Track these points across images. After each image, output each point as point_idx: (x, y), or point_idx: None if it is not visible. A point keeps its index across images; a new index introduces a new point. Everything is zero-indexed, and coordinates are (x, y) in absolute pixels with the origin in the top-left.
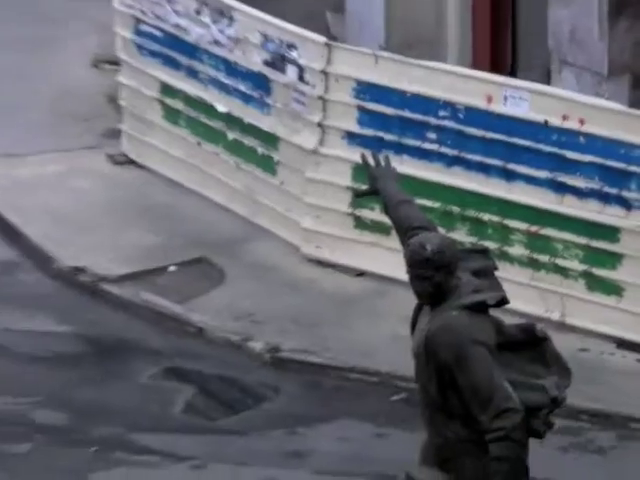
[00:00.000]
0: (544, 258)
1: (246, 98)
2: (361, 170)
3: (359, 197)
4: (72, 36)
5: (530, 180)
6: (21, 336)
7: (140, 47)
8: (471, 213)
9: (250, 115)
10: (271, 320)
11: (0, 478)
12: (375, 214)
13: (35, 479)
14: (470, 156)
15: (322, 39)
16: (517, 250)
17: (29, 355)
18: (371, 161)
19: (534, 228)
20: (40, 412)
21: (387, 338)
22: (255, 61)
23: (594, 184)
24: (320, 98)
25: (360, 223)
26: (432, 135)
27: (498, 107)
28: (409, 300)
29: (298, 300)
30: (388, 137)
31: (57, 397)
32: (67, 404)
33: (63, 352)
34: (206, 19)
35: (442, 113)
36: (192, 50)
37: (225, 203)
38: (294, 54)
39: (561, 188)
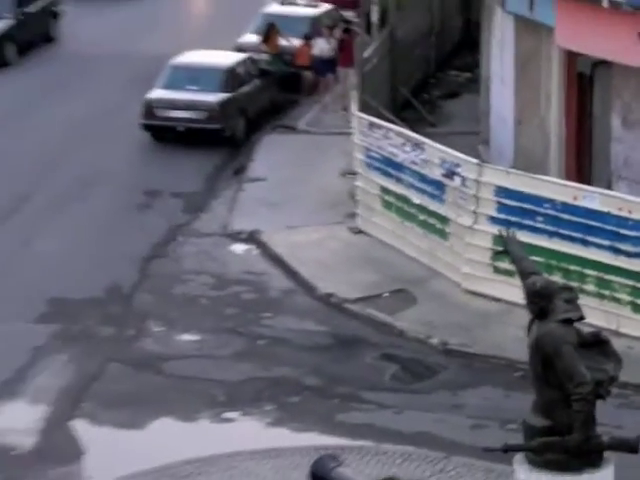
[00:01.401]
0: (606, 292)
1: (431, 195)
2: (498, 239)
3: (498, 254)
4: (329, 159)
5: (599, 246)
6: (297, 333)
7: (368, 165)
8: (563, 265)
9: (433, 205)
10: (444, 326)
11: (283, 418)
12: (506, 264)
13: (304, 418)
14: (563, 231)
15: (476, 161)
16: (590, 287)
17: (301, 344)
18: (504, 233)
19: (600, 274)
20: (307, 378)
21: (513, 338)
22: (436, 173)
23: (638, 249)
24: (474, 196)
25: (498, 269)
26: (540, 218)
27: (580, 202)
28: (525, 316)
29: (460, 314)
30: (514, 219)
31: (317, 369)
32: (323, 373)
33: (321, 343)
34: (407, 148)
35: (546, 205)
36: (399, 167)
37: (417, 257)
38: (459, 170)
39: (618, 251)
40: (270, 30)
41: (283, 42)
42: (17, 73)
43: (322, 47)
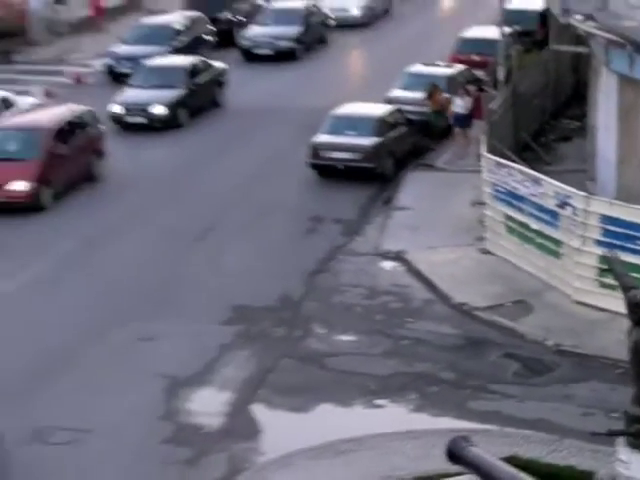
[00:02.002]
0: None
1: (546, 222)
2: (603, 258)
3: (603, 272)
4: (462, 192)
5: None
6: (435, 335)
7: (495, 197)
8: None
9: (548, 230)
10: (557, 330)
11: (423, 405)
12: (609, 280)
13: (441, 405)
14: None
15: (584, 194)
16: None
17: (438, 345)
18: (608, 254)
19: None
20: (443, 372)
21: (615, 341)
22: (551, 204)
23: None
24: (582, 223)
25: (603, 284)
26: (638, 242)
27: None
28: (626, 324)
29: (571, 321)
30: (617, 242)
31: (451, 365)
32: (456, 369)
33: (455, 343)
34: (527, 183)
35: None
36: (521, 198)
37: (535, 273)
38: (570, 201)
39: None
40: (433, 89)
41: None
42: (190, 134)
43: (458, 103)
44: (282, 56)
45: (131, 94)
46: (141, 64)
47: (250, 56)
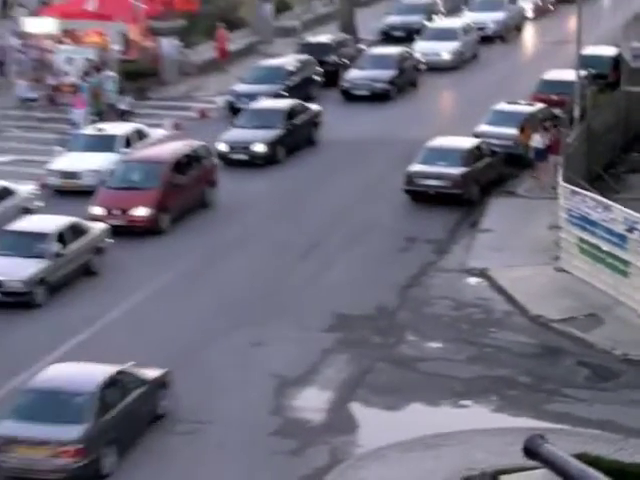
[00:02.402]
0: None
1: (616, 244)
2: None
3: None
4: (540, 216)
5: None
6: (514, 344)
7: (569, 221)
8: None
9: (617, 252)
10: (625, 341)
11: (503, 406)
12: None
13: (519, 406)
14: None
15: None
16: None
17: (517, 352)
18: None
19: None
20: (521, 377)
21: None
22: (620, 228)
23: None
24: None
25: None
26: None
27: None
28: None
29: (637, 333)
30: None
31: (529, 370)
32: (533, 374)
33: (532, 351)
34: (599, 210)
35: None
36: (593, 223)
37: (604, 289)
38: (638, 226)
39: None
40: (525, 125)
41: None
42: (288, 168)
43: (537, 139)
44: (378, 97)
45: (235, 133)
46: (246, 107)
47: (349, 96)
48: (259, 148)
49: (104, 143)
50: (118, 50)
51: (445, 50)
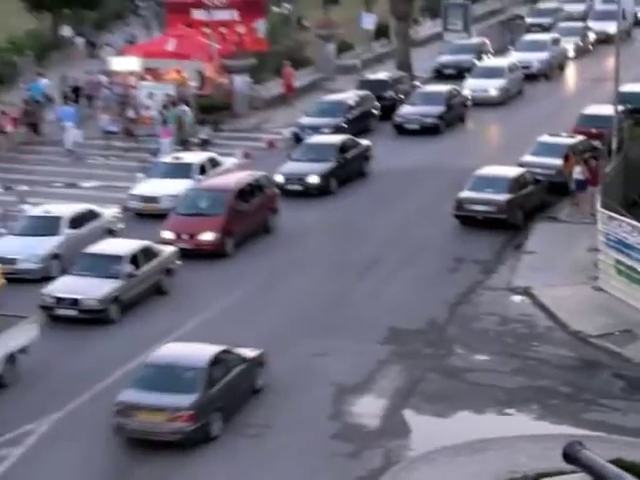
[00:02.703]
0: None
1: None
2: None
3: None
4: (580, 240)
5: None
6: (555, 357)
7: (607, 244)
8: None
9: None
10: None
11: (544, 414)
12: None
13: (558, 415)
14: None
15: None
16: None
17: (558, 364)
18: None
19: None
20: (561, 387)
21: None
22: None
23: None
24: None
25: None
26: None
27: None
28: None
29: None
30: None
31: (568, 382)
32: (572, 385)
33: (571, 364)
34: (635, 234)
35: None
36: (629, 246)
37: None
38: None
39: None
40: (569, 155)
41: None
42: (341, 198)
43: (577, 170)
44: (428, 130)
45: (291, 166)
46: (302, 141)
47: (401, 130)
48: (313, 180)
49: (181, 170)
50: (195, 86)
51: (492, 87)
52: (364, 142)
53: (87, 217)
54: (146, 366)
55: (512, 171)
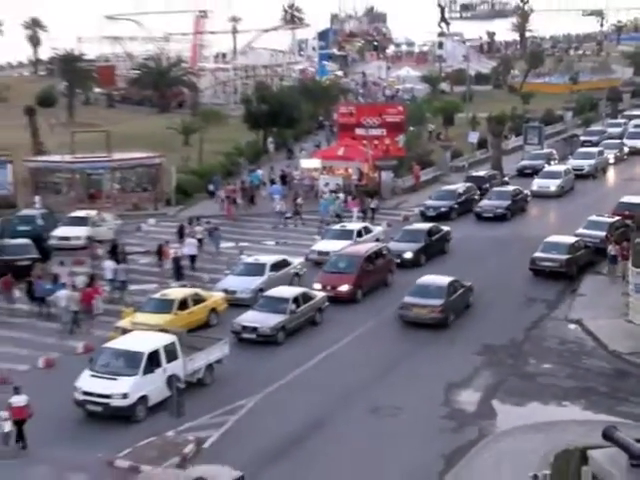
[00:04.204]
0: None
1: None
2: None
3: None
4: (614, 289)
5: None
6: (598, 367)
7: (636, 290)
8: None
9: None
10: None
11: (588, 407)
12: None
13: (597, 407)
14: None
15: None
16: None
17: (599, 373)
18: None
19: None
20: (601, 387)
21: None
22: None
23: None
24: None
25: None
26: None
27: None
28: None
29: None
30: None
31: (607, 384)
32: (611, 386)
33: (609, 373)
34: None
35: None
36: None
37: None
38: None
39: None
40: (608, 237)
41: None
42: (429, 267)
43: (610, 248)
44: (498, 218)
45: (393, 245)
46: (402, 228)
47: (479, 217)
48: (408, 255)
49: (345, 234)
50: (356, 178)
51: (552, 185)
52: (445, 228)
53: (282, 264)
54: (417, 284)
55: (570, 239)
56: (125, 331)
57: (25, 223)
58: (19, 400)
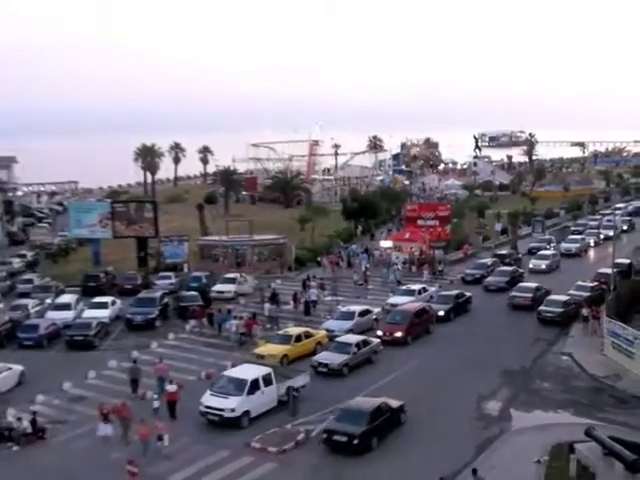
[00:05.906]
0: None
1: (629, 344)
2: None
3: None
4: (595, 337)
5: None
6: (581, 385)
7: (609, 334)
8: None
9: (629, 347)
10: (633, 387)
11: (587, 415)
12: None
13: (592, 413)
14: None
15: None
16: None
17: (583, 389)
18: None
19: None
20: (584, 400)
21: None
22: (631, 338)
23: None
24: None
25: None
26: None
27: None
28: None
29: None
30: None
31: (586, 397)
32: (589, 399)
33: (589, 390)
34: (621, 330)
35: None
36: (618, 336)
37: (622, 364)
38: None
39: None
40: (600, 294)
41: None
42: (457, 322)
43: (584, 311)
44: (500, 290)
45: (433, 305)
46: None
47: (487, 290)
48: (441, 313)
49: (409, 292)
50: (417, 254)
51: (543, 264)
52: (468, 293)
53: (366, 312)
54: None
55: (563, 297)
56: (259, 356)
57: (195, 281)
58: (171, 388)
